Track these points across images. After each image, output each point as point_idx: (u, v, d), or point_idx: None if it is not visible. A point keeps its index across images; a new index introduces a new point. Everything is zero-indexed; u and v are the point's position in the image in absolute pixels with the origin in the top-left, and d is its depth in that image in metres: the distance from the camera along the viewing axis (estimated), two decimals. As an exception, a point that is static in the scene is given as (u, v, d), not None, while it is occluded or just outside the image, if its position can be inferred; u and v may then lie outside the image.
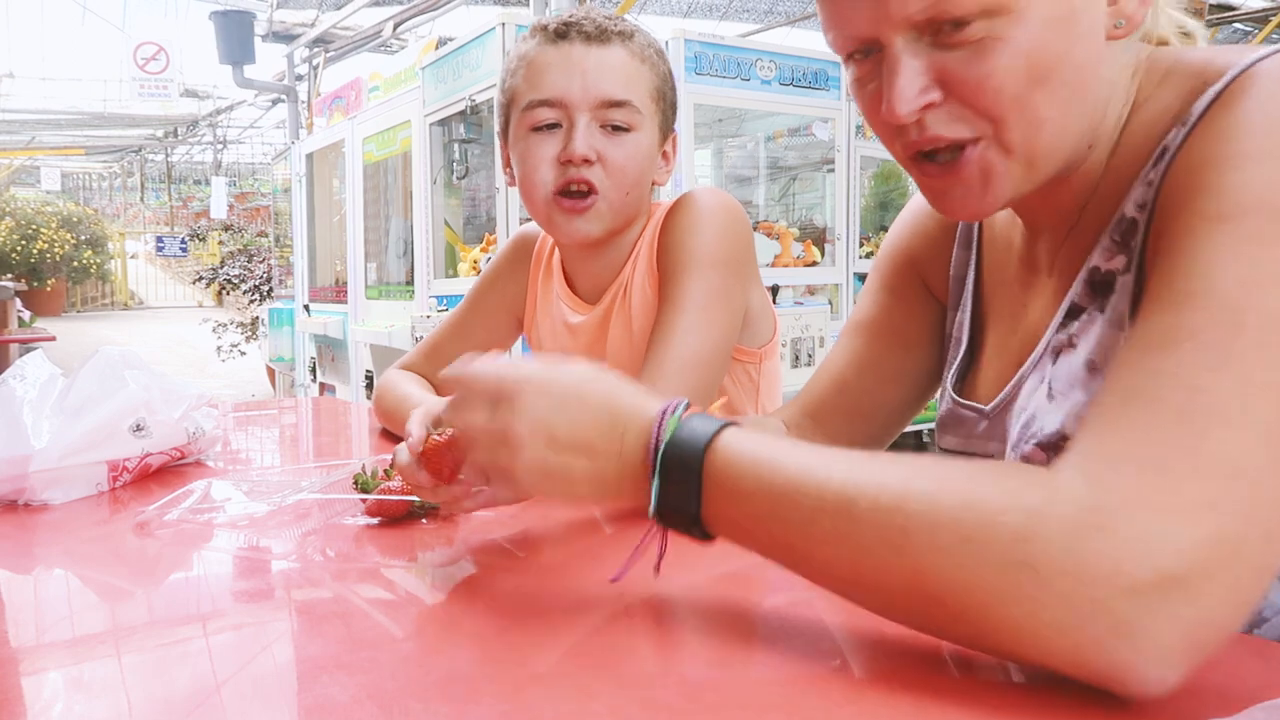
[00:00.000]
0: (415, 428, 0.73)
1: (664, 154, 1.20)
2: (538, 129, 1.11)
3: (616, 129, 1.10)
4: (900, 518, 0.50)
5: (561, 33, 1.11)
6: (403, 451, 0.73)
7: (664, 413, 0.60)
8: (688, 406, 0.61)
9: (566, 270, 1.28)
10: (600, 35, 1.10)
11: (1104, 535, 0.46)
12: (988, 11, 0.58)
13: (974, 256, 0.84)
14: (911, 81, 0.60)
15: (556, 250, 1.30)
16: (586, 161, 1.09)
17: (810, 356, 4.12)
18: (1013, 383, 0.75)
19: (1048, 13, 0.59)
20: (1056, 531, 0.46)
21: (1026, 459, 0.71)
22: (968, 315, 0.84)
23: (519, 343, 1.41)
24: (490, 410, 0.63)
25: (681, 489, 0.58)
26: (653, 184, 1.20)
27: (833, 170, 4.53)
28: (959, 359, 0.84)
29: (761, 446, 0.57)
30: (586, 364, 0.65)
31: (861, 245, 4.55)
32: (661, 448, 0.58)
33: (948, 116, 0.62)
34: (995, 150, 0.62)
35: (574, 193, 1.11)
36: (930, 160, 0.64)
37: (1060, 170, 0.67)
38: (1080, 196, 0.69)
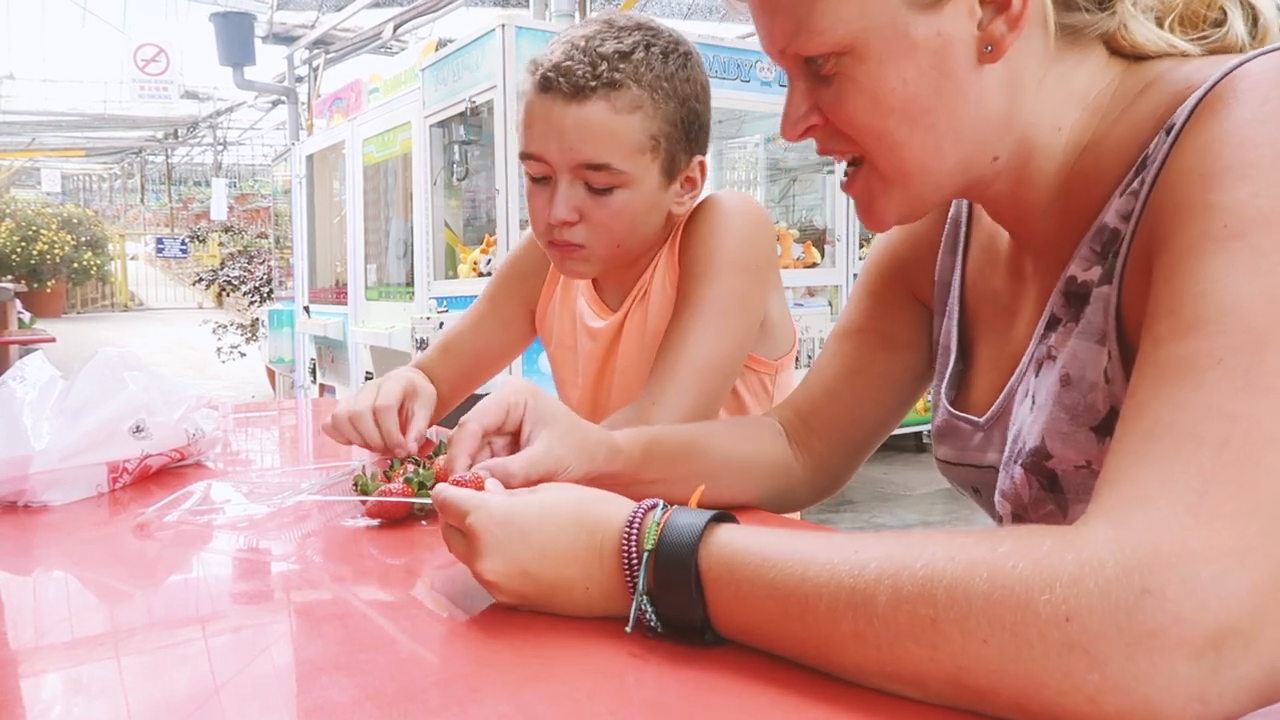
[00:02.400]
0: (460, 455, 0.74)
1: (688, 180, 1.14)
2: (534, 179, 1.11)
3: (600, 190, 1.07)
4: (928, 608, 0.46)
5: (546, 84, 1.06)
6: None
7: (631, 524, 0.58)
8: (665, 508, 0.59)
9: (598, 281, 1.27)
10: (578, 93, 1.04)
11: (1151, 598, 0.42)
12: (835, 51, 0.64)
13: (959, 262, 0.84)
14: (795, 106, 0.69)
15: None
16: (566, 224, 1.08)
17: (810, 358, 4.13)
18: (1003, 394, 0.75)
19: (885, 52, 0.63)
20: (1100, 603, 0.42)
21: (1015, 482, 0.70)
22: (954, 322, 0.84)
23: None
24: (465, 542, 0.62)
25: (681, 599, 0.55)
26: (671, 215, 1.15)
27: (832, 172, 4.53)
28: (950, 368, 0.84)
29: (754, 541, 0.54)
30: (551, 485, 0.65)
31: (861, 246, 4.55)
32: (644, 558, 0.56)
33: (828, 136, 0.69)
34: (875, 175, 0.68)
35: (562, 244, 1.11)
36: (844, 176, 0.71)
37: (963, 185, 0.69)
38: (1038, 199, 0.69)
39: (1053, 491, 0.68)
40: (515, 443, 0.78)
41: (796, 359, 1.30)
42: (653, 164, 1.09)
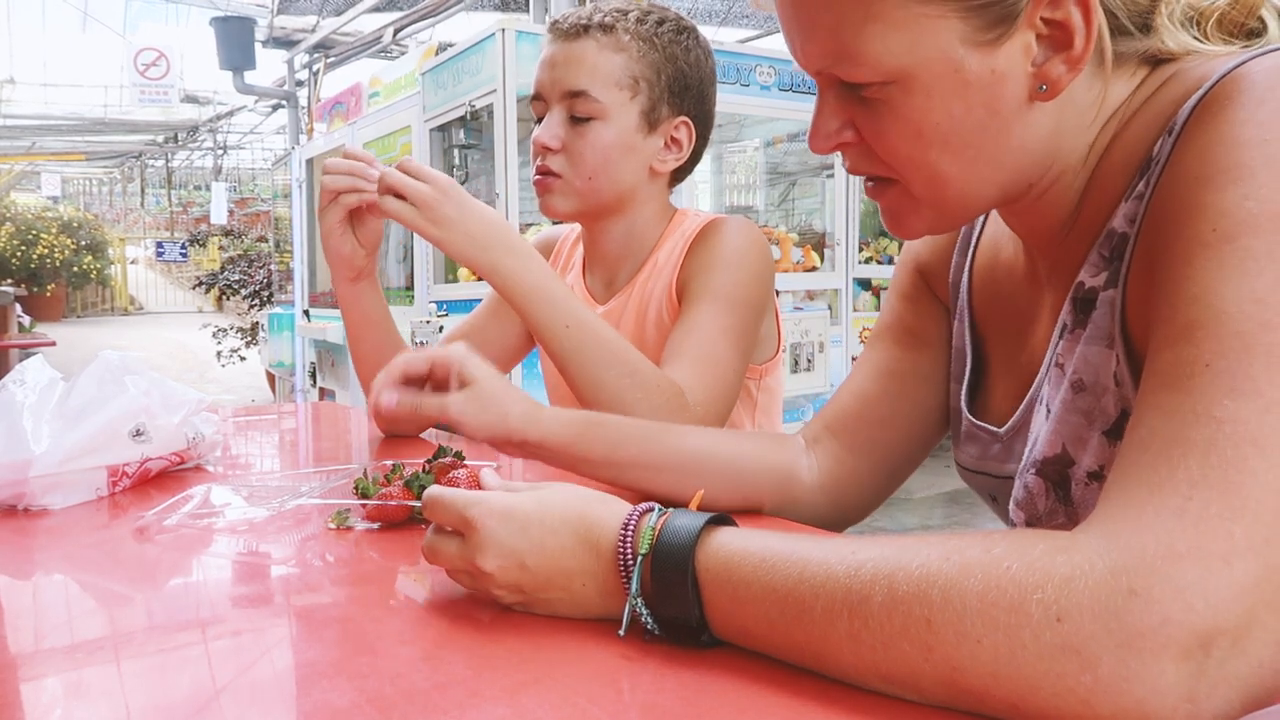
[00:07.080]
0: (387, 384, 0.85)
1: (673, 141, 1.21)
2: (538, 121, 1.21)
3: (580, 119, 1.16)
4: (922, 609, 0.46)
5: (553, 28, 1.18)
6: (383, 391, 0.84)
7: (627, 526, 0.58)
8: (661, 512, 0.59)
9: (586, 265, 1.31)
10: (574, 31, 1.16)
11: (1138, 600, 0.42)
12: (878, 79, 0.61)
13: (969, 263, 0.84)
14: (827, 120, 0.66)
15: (579, 247, 1.33)
16: (547, 149, 1.17)
17: (810, 361, 4.12)
18: (1023, 405, 0.74)
19: (934, 86, 0.60)
20: (1090, 604, 0.43)
21: (1030, 491, 0.70)
22: (966, 325, 0.83)
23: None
24: (460, 543, 0.62)
25: (677, 599, 0.55)
26: (654, 171, 1.21)
27: (832, 175, 4.54)
28: (967, 372, 0.83)
29: (752, 543, 0.54)
30: (549, 484, 0.64)
31: (861, 250, 4.55)
32: (639, 559, 0.56)
33: (862, 155, 0.67)
34: (906, 197, 0.67)
35: (544, 173, 1.20)
36: (868, 180, 0.69)
37: (995, 203, 0.68)
38: (1060, 213, 0.69)
39: (1066, 504, 0.68)
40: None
41: (795, 363, 1.33)
42: (630, 102, 1.17)
